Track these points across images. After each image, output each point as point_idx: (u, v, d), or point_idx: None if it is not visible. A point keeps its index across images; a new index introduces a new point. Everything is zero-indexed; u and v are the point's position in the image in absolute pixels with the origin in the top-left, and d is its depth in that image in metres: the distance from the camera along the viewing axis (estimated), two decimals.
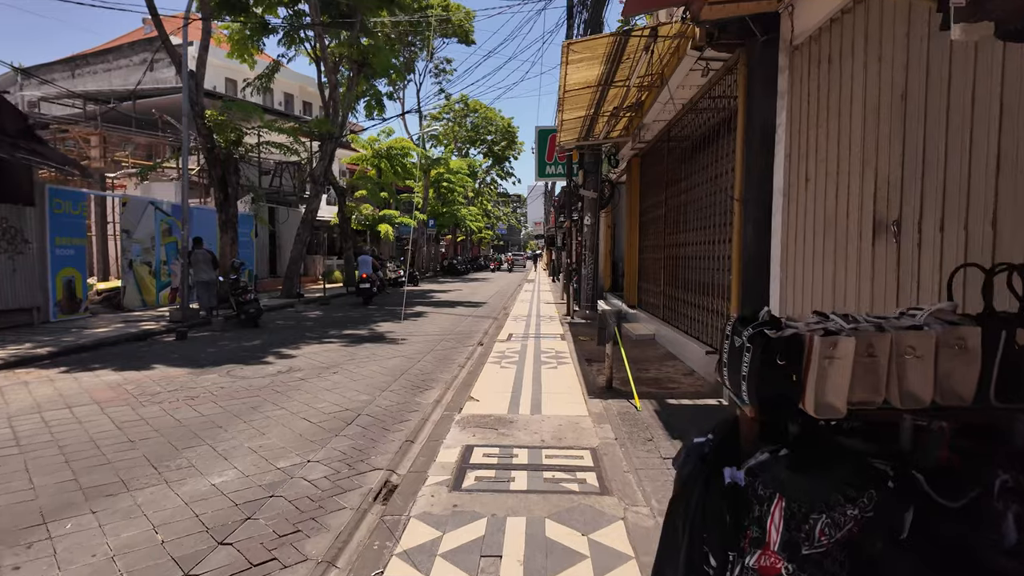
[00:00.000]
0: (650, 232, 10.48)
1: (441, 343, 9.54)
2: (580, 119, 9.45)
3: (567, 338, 9.42)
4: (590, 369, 6.91)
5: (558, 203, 29.28)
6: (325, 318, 12.96)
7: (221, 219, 13.69)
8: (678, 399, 5.49)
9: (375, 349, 8.85)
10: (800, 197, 4.95)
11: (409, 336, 10.22)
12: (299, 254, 16.92)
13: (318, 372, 7.15)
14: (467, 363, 7.71)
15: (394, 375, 7.04)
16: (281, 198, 23.25)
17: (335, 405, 5.65)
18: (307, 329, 11.05)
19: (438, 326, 11.70)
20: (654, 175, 10.22)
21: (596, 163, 12.18)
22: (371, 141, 26.17)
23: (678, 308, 8.32)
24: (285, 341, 9.51)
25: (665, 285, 9.09)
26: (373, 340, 9.74)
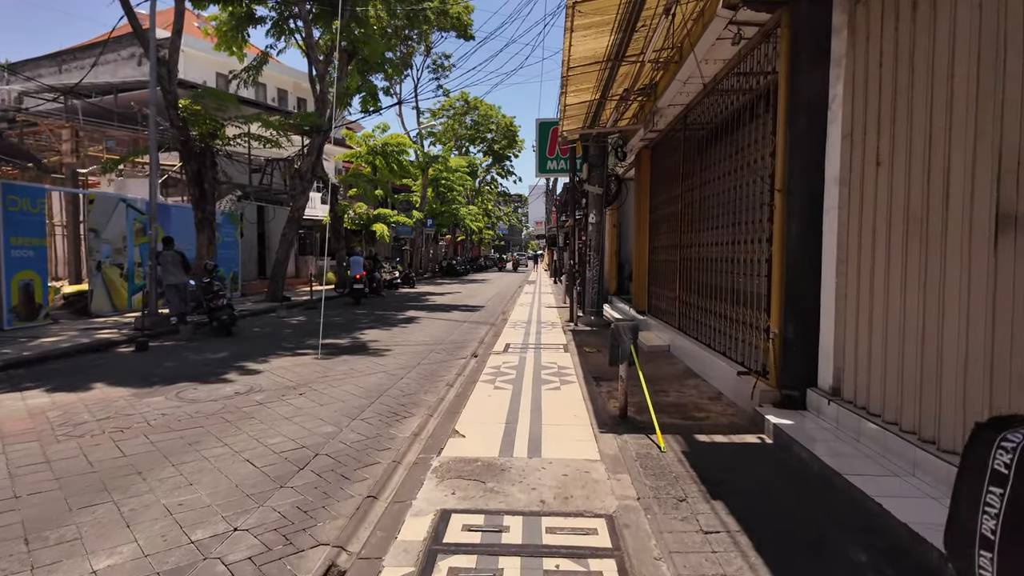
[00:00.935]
0: (662, 231, 9.48)
1: (430, 355, 8.54)
2: (585, 104, 8.45)
3: (570, 349, 8.42)
4: (599, 391, 5.91)
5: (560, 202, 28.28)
6: (307, 324, 11.97)
7: (197, 217, 12.71)
8: (709, 434, 4.48)
9: (354, 363, 7.86)
10: (867, 185, 3.94)
11: (395, 346, 9.22)
12: (285, 255, 15.93)
13: (282, 393, 6.15)
14: (457, 380, 6.71)
15: (370, 397, 6.04)
16: (271, 196, 22.27)
17: (291, 440, 4.65)
18: (284, 338, 10.06)
19: (429, 334, 10.71)
20: (667, 168, 9.22)
21: (602, 156, 11.18)
22: (366, 137, 25.20)
23: (697, 317, 7.32)
24: (254, 353, 8.51)
25: (681, 290, 8.09)
26: (354, 351, 8.74)
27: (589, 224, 11.38)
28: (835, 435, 4.02)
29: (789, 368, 4.76)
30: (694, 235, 7.71)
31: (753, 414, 4.75)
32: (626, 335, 4.78)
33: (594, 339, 9.43)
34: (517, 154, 48.81)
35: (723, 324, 6.36)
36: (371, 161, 24.84)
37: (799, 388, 4.71)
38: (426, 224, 34.88)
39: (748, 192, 5.95)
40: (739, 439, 4.38)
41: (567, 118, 8.93)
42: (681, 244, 8.18)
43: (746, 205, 5.99)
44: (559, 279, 27.19)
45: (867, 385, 3.90)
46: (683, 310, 8.00)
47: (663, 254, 9.35)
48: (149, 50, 10.60)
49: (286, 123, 15.47)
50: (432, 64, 34.91)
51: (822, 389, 4.50)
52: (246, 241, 20.16)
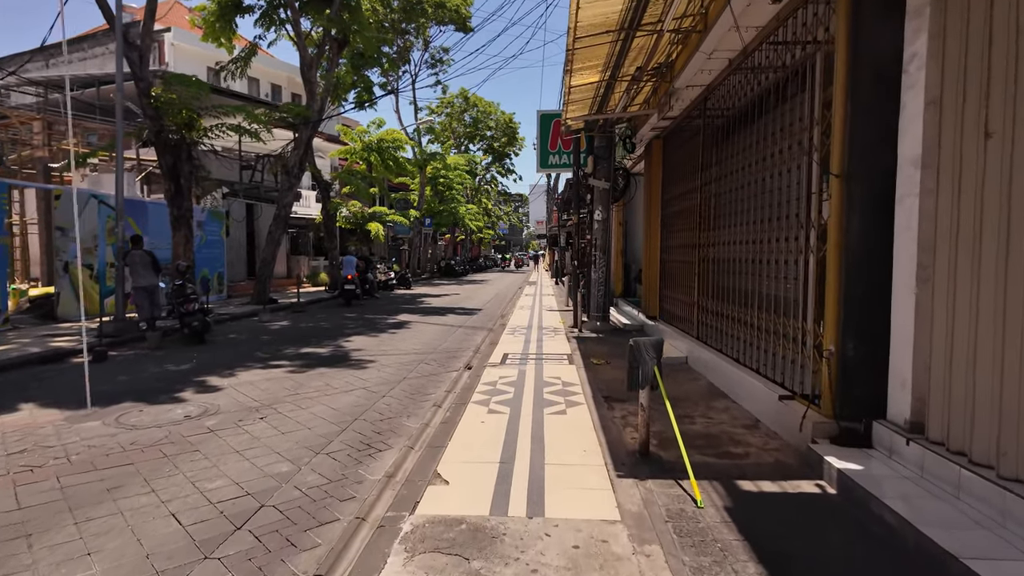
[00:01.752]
0: (676, 228, 8.58)
1: (419, 367, 7.64)
2: (592, 87, 7.56)
3: (576, 360, 7.52)
4: (612, 415, 5.01)
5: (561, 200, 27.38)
6: (289, 330, 11.08)
7: (173, 215, 11.83)
8: (754, 480, 3.58)
9: (332, 376, 6.96)
10: (967, 164, 3.04)
11: (381, 356, 8.33)
12: (271, 255, 15.04)
13: (240, 417, 5.26)
14: (446, 400, 5.81)
15: (343, 422, 5.15)
16: (261, 194, 21.36)
17: (235, 485, 3.76)
18: (260, 346, 9.16)
19: (421, 340, 9.82)
20: (682, 159, 8.33)
21: (608, 148, 10.28)
22: (360, 132, 24.32)
23: (721, 326, 6.42)
24: (222, 364, 7.62)
25: (700, 295, 7.19)
26: (334, 362, 7.85)
27: (594, 222, 10.49)
28: (923, 488, 3.13)
29: (848, 395, 3.86)
30: (715, 233, 6.82)
31: (806, 453, 3.85)
32: (648, 354, 3.89)
33: (601, 348, 8.53)
34: (517, 152, 47.92)
35: (754, 335, 5.46)
36: (366, 158, 23.95)
37: (862, 420, 3.82)
38: (424, 223, 34.01)
39: (782, 183, 5.07)
40: (793, 487, 3.48)
41: (571, 103, 8.03)
42: (699, 243, 7.29)
43: (779, 198, 5.11)
44: (560, 280, 26.30)
45: (968, 425, 3.01)
46: (703, 317, 7.10)
47: (678, 254, 8.46)
48: (115, 27, 9.70)
49: (272, 116, 14.57)
50: (430, 59, 34.02)
51: (895, 423, 3.61)
52: (233, 240, 19.30)
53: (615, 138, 10.39)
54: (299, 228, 25.05)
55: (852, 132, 3.80)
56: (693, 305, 7.44)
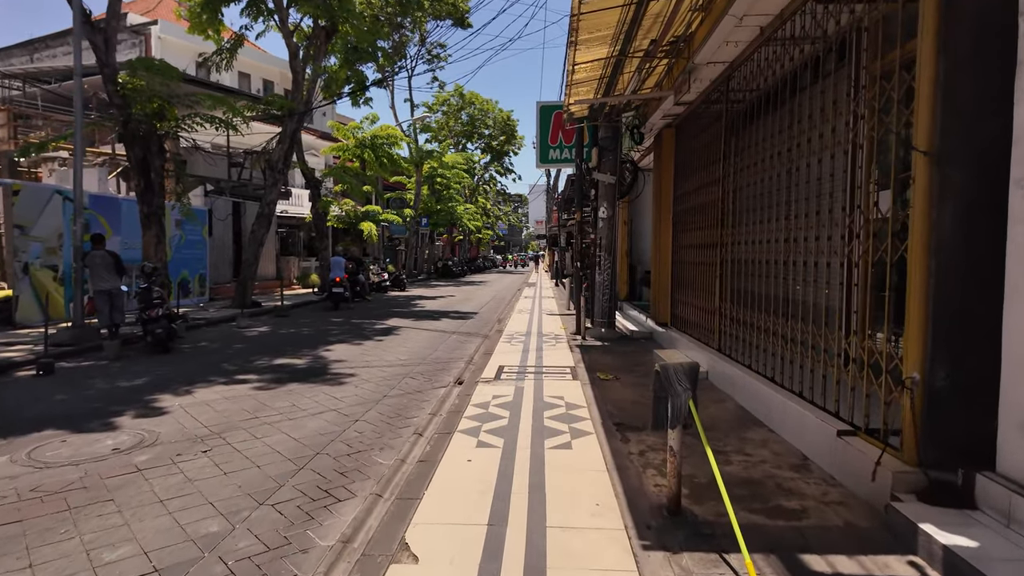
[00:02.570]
0: (692, 226, 7.71)
1: (403, 381, 6.76)
2: (599, 64, 6.69)
3: (580, 375, 6.65)
4: (627, 451, 4.13)
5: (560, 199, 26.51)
6: (267, 337, 10.19)
7: (143, 212, 10.95)
8: (824, 555, 2.70)
9: (302, 395, 6.08)
10: None
11: (363, 368, 7.45)
12: (254, 255, 14.16)
13: (179, 450, 4.38)
14: (429, 425, 4.93)
15: (301, 457, 4.27)
16: (249, 192, 20.45)
17: (139, 556, 2.88)
18: (230, 356, 8.27)
19: (409, 349, 8.93)
20: (698, 148, 7.45)
21: (614, 139, 9.41)
22: (353, 128, 23.44)
23: (750, 337, 5.54)
24: (181, 379, 6.74)
25: (722, 301, 6.31)
26: (308, 376, 6.97)
27: (599, 219, 9.61)
28: None
29: (939, 436, 2.99)
30: (739, 231, 5.95)
31: (887, 514, 2.97)
32: (681, 384, 3.01)
33: (608, 359, 7.65)
34: (516, 151, 47.06)
35: (795, 352, 4.59)
36: (359, 155, 23.07)
37: (958, 470, 2.95)
38: (421, 223, 33.13)
39: (822, 171, 4.24)
40: (881, 568, 2.60)
41: (575, 85, 7.16)
42: (721, 242, 6.42)
43: (818, 189, 4.27)
44: (560, 281, 25.43)
45: None
46: (726, 326, 6.22)
47: (693, 254, 7.58)
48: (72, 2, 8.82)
49: (254, 108, 13.68)
50: (427, 54, 33.14)
51: (1009, 478, 2.73)
52: (218, 240, 18.40)
53: (621, 128, 9.52)
54: (290, 228, 24.17)
55: (946, 97, 2.93)
56: (713, 312, 6.56)
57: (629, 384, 6.17)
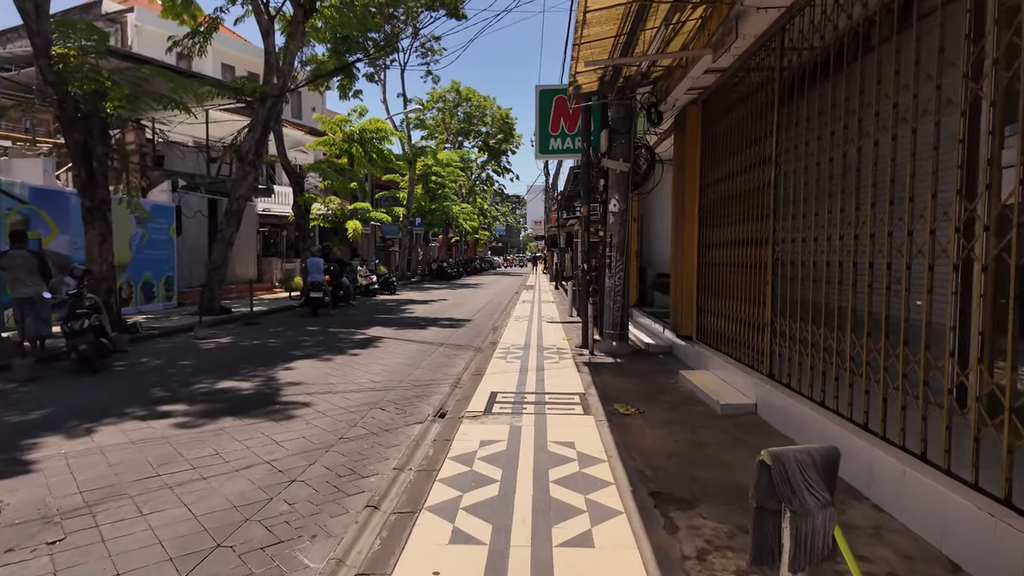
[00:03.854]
0: (725, 220, 6.34)
1: (369, 415, 5.36)
2: (616, 17, 5.31)
3: (592, 406, 5.26)
4: (678, 550, 2.73)
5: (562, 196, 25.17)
6: (223, 351, 8.78)
7: (85, 207, 9.53)
8: None
9: (232, 436, 4.68)
10: None
11: (325, 394, 6.05)
12: (222, 257, 12.75)
13: (16, 539, 2.98)
14: (388, 495, 3.54)
15: (192, 555, 2.87)
16: (228, 188, 19.04)
17: None
18: (167, 378, 6.87)
19: (386, 367, 7.54)
20: (735, 125, 6.09)
21: (628, 119, 8.05)
22: (340, 122, 22.02)
23: (820, 365, 4.15)
24: (88, 411, 5.34)
25: (775, 314, 4.94)
26: (251, 407, 5.56)
27: (609, 214, 8.24)
28: None
29: None
30: (800, 222, 4.59)
31: None
32: (814, 491, 1.62)
33: (625, 383, 6.27)
34: (514, 150, 45.77)
35: (886, 385, 3.21)
36: (347, 149, 21.65)
37: None
38: (414, 223, 31.73)
39: (920, 143, 2.89)
40: None
41: (586, 44, 5.78)
42: (769, 239, 5.05)
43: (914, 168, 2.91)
44: (561, 284, 24.06)
45: None
46: (782, 346, 4.84)
47: (727, 254, 6.21)
48: None
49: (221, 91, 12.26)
50: (420, 47, 31.76)
51: None
52: (191, 240, 17.02)
53: (636, 107, 8.15)
54: (272, 227, 22.77)
55: None
56: (761, 327, 5.19)
57: (657, 422, 4.78)
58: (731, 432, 4.51)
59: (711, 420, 4.82)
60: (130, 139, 14.87)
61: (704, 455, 3.99)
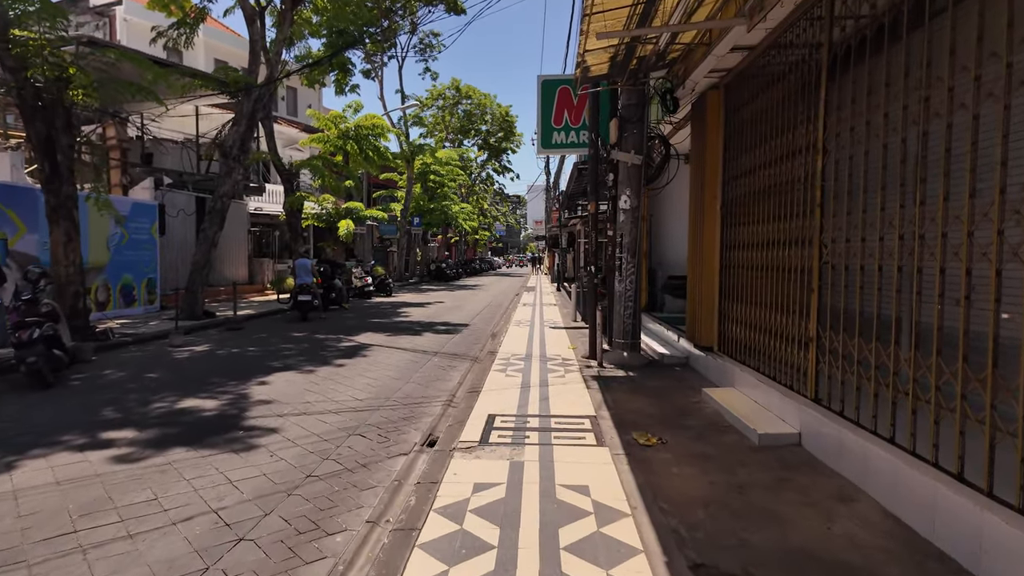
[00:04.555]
0: (754, 216, 5.59)
1: (346, 443, 4.61)
2: None
3: (606, 434, 4.51)
4: None
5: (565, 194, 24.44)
6: (196, 362, 8.03)
7: (49, 204, 8.81)
8: None
9: (180, 474, 3.93)
10: None
11: (298, 416, 5.30)
12: (204, 258, 12.00)
13: None
14: (353, 565, 2.79)
15: None
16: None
17: None
18: (124, 395, 6.11)
19: (372, 381, 6.79)
20: (764, 110, 5.34)
21: (640, 107, 7.30)
22: (335, 118, 21.25)
23: (882, 391, 3.40)
24: (21, 438, 4.58)
25: (827, 328, 4.18)
26: (209, 435, 4.81)
27: (619, 211, 7.49)
28: None
29: None
30: (852, 219, 3.84)
31: None
32: None
33: (640, 402, 5.51)
34: (515, 149, 45.05)
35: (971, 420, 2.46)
36: (342, 146, 20.88)
37: None
38: (412, 223, 30.96)
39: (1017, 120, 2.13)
40: None
41: (596, 18, 5.02)
42: (814, 238, 4.30)
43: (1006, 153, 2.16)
44: (562, 285, 23.31)
45: None
46: (830, 366, 4.08)
47: (758, 256, 5.46)
48: None
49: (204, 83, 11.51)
50: (419, 43, 31.01)
51: None
52: (177, 240, 16.23)
53: (649, 93, 7.40)
54: (264, 227, 22.02)
55: None
56: (803, 342, 4.43)
57: (685, 456, 4.03)
58: (775, 470, 3.75)
59: (748, 454, 4.06)
60: (111, 134, 14.14)
61: (748, 504, 3.24)
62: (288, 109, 30.70)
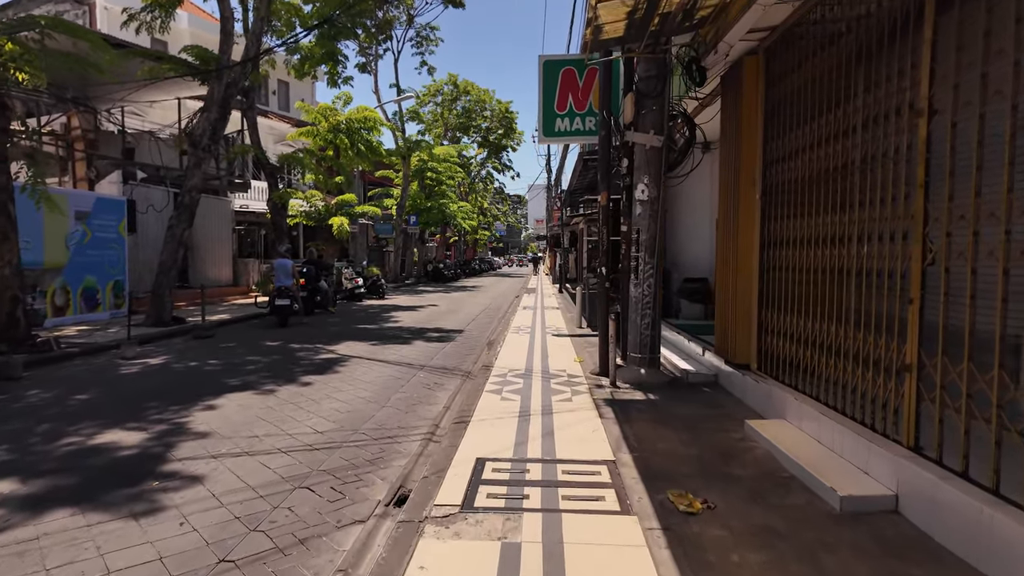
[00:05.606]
0: (810, 206, 4.48)
1: (282, 507, 3.48)
2: None
3: (632, 495, 3.40)
4: None
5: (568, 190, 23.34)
6: (143, 378, 6.92)
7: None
8: None
9: (40, 561, 2.82)
10: None
11: (237, 457, 4.19)
12: (171, 258, 10.90)
13: None
14: None
15: None
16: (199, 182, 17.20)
17: None
18: (30, 429, 4.99)
19: (341, 405, 5.68)
20: (828, 71, 4.22)
21: (661, 79, 6.19)
22: (324, 110, 20.14)
23: None
24: None
25: (933, 352, 3.06)
26: (110, 490, 3.70)
27: (636, 203, 6.37)
28: None
29: None
30: (978, 204, 2.73)
31: None
32: None
33: (671, 441, 4.39)
34: (515, 147, 44.01)
35: None
36: (332, 140, 19.78)
37: None
38: (409, 222, 29.84)
39: None
40: None
41: None
42: (924, 232, 3.19)
43: None
44: (564, 287, 22.20)
45: None
46: (944, 405, 2.96)
47: (815, 255, 4.35)
48: None
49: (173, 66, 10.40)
50: (416, 36, 29.88)
51: None
52: (152, 238, 15.09)
53: (670, 63, 6.29)
54: (249, 225, 20.92)
55: None
56: (897, 370, 3.32)
57: (745, 532, 2.91)
58: (877, 557, 2.64)
59: (830, 527, 2.95)
60: (75, 124, 13.05)
61: None
62: (280, 104, 29.60)
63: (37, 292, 10.62)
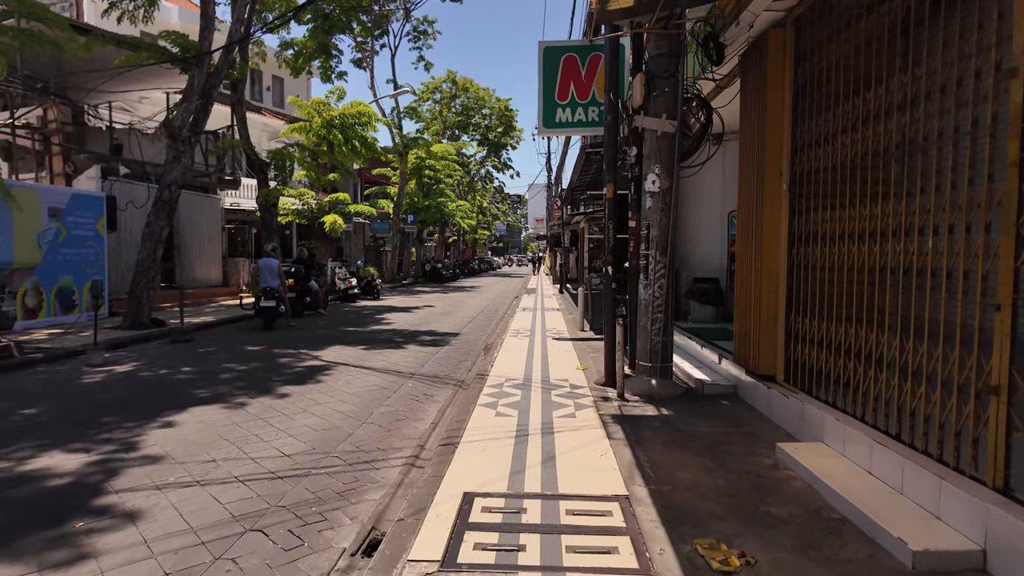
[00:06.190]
0: (853, 197, 3.87)
1: (225, 558, 2.87)
2: None
3: (655, 549, 2.78)
4: None
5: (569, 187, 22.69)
6: (101, 390, 6.30)
7: None
8: None
9: None
10: None
11: (185, 488, 3.58)
12: (150, 256, 10.26)
13: None
14: None
15: None
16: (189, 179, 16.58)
17: None
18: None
19: (318, 422, 5.06)
20: (876, 36, 3.61)
21: (674, 58, 5.57)
22: (317, 104, 19.51)
23: None
24: None
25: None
26: (24, 534, 3.09)
27: (646, 195, 5.76)
28: None
29: None
30: None
31: None
32: None
33: (692, 469, 3.77)
34: (515, 145, 43.37)
35: None
36: (326, 136, 19.14)
37: None
38: (406, 221, 29.21)
39: None
40: None
41: None
42: (1019, 222, 2.57)
43: None
44: (565, 287, 21.59)
45: None
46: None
47: (860, 252, 3.74)
48: None
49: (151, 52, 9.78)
50: (413, 30, 29.27)
51: None
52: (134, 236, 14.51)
53: (684, 40, 5.68)
54: (240, 223, 20.30)
55: None
56: (977, 392, 2.71)
57: None
58: None
59: None
60: (51, 116, 12.44)
61: None
62: (275, 100, 28.99)
63: (6, 293, 10.03)
